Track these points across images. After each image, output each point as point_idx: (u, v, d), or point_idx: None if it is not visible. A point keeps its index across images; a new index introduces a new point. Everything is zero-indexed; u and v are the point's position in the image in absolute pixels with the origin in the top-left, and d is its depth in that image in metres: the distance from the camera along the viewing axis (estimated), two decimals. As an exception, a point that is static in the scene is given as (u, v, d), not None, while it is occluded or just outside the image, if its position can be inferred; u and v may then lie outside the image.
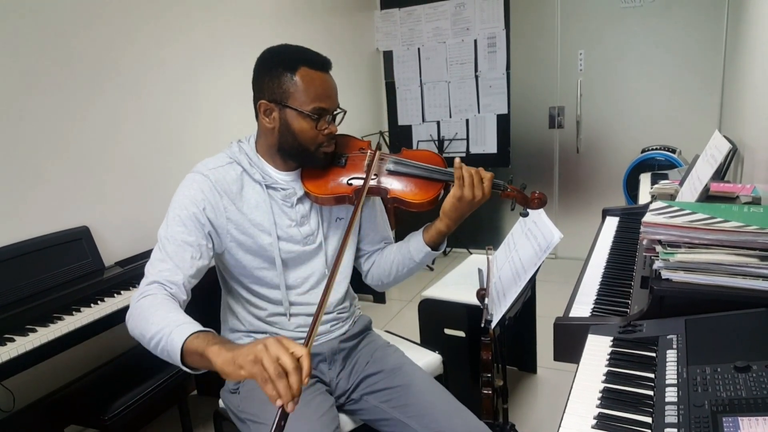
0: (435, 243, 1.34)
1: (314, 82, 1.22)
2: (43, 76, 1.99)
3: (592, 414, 0.88)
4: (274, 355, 0.86)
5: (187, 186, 1.24)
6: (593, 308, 1.33)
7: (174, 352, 0.99)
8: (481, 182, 1.25)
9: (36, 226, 1.94)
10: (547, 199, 1.32)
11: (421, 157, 1.35)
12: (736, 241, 1.11)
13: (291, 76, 1.21)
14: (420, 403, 1.28)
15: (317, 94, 1.22)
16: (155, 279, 1.14)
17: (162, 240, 1.19)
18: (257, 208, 1.28)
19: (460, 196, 1.24)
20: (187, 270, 1.17)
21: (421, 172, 1.32)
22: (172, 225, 1.20)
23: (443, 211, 1.29)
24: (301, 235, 1.32)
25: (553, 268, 3.48)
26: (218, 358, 0.92)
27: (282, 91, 1.21)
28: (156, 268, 1.16)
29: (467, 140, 4.29)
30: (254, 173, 1.28)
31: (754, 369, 0.85)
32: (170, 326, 1.01)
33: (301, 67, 1.21)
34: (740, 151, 2.70)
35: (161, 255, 1.18)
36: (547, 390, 2.45)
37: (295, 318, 1.35)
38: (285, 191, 1.30)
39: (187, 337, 0.98)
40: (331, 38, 3.81)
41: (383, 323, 3.24)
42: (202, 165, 1.28)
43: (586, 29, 3.79)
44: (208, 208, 1.22)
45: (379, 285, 1.49)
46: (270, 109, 1.24)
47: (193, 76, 2.65)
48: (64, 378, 2.01)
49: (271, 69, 1.23)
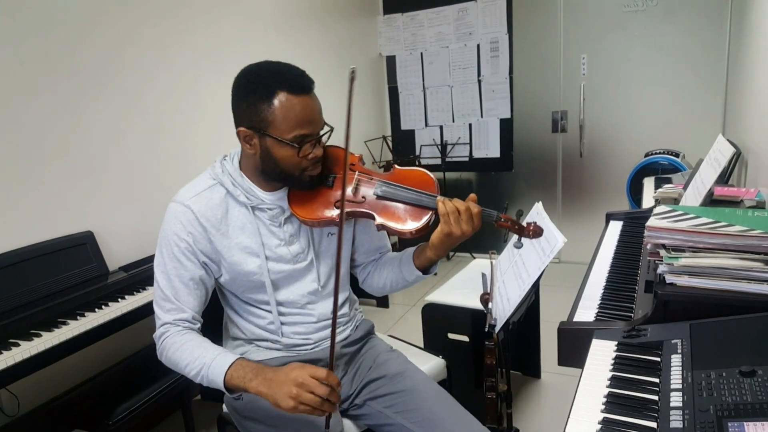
0: (425, 268, 1.32)
1: (294, 108, 1.13)
2: (47, 81, 2.01)
3: (597, 419, 0.88)
4: (308, 390, 1.05)
5: (170, 220, 1.22)
6: (597, 313, 1.33)
7: (218, 385, 1.14)
8: (471, 218, 1.17)
9: (40, 231, 1.95)
10: (542, 231, 1.24)
11: (411, 179, 1.26)
12: (741, 245, 1.11)
13: (268, 103, 1.12)
14: (424, 408, 1.28)
15: (298, 121, 1.14)
16: (166, 320, 1.21)
17: (160, 276, 1.22)
18: (243, 230, 1.25)
19: (448, 232, 1.18)
20: (191, 305, 1.23)
21: (411, 197, 1.23)
22: (167, 261, 1.22)
23: (432, 243, 1.25)
24: (291, 254, 1.29)
25: (556, 273, 3.46)
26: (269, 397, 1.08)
27: (260, 120, 1.14)
28: (162, 308, 1.22)
29: (470, 144, 4.30)
30: (238, 195, 1.24)
31: (759, 374, 0.85)
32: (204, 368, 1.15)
33: (279, 92, 1.12)
34: (744, 155, 2.69)
35: (163, 294, 1.22)
36: (552, 395, 2.44)
37: (290, 327, 1.34)
38: (272, 211, 1.26)
39: (223, 378, 1.12)
40: (334, 43, 3.83)
41: (386, 328, 3.23)
42: (184, 193, 1.24)
43: (588, 33, 3.79)
44: (194, 240, 1.21)
45: (375, 293, 1.48)
46: (249, 136, 1.17)
47: (197, 81, 2.66)
48: (69, 382, 2.01)
49: (248, 96, 1.15)
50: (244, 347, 1.36)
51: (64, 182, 2.06)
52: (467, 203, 1.18)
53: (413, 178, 1.27)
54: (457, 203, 1.18)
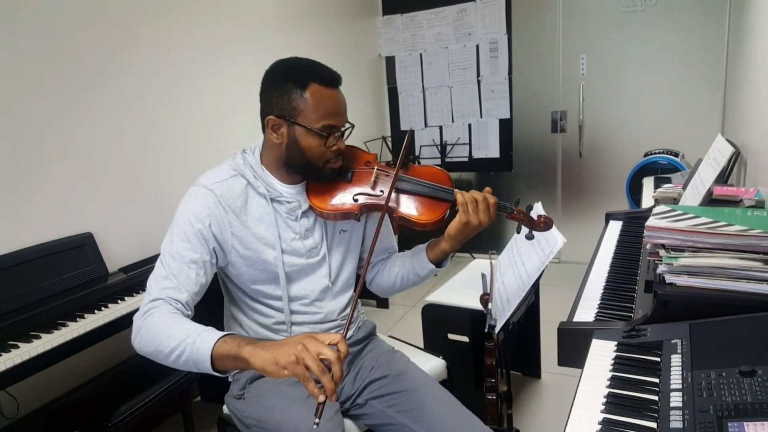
0: (439, 261, 1.35)
1: (324, 99, 1.19)
2: (47, 81, 2.01)
3: (597, 419, 0.88)
4: (315, 352, 0.93)
5: (191, 200, 1.22)
6: (597, 313, 1.33)
7: (202, 360, 1.01)
8: (488, 208, 1.23)
9: (40, 232, 1.95)
10: (552, 223, 1.29)
11: (428, 175, 1.33)
12: (740, 244, 1.11)
13: (301, 92, 1.18)
14: (426, 407, 1.28)
15: (327, 112, 1.20)
16: (158, 296, 1.13)
17: (165, 256, 1.18)
18: (261, 221, 1.27)
19: (466, 221, 1.23)
20: (191, 288, 1.17)
21: (429, 190, 1.29)
22: (177, 241, 1.18)
23: (448, 234, 1.28)
24: (305, 248, 1.31)
25: (556, 273, 3.46)
26: (256, 359, 0.96)
27: (291, 108, 1.19)
28: (159, 285, 1.15)
29: (470, 145, 4.30)
30: (259, 186, 1.26)
31: (759, 374, 0.85)
32: (191, 336, 1.03)
33: (312, 83, 1.18)
34: (743, 154, 2.69)
35: (164, 272, 1.16)
36: (552, 395, 2.44)
37: (298, 327, 1.34)
38: (290, 204, 1.29)
39: (214, 343, 1.01)
40: (334, 44, 3.83)
41: (387, 328, 3.23)
42: (205, 178, 1.25)
43: (587, 33, 3.79)
44: (213, 223, 1.21)
45: (382, 293, 1.50)
46: (278, 125, 1.22)
47: (197, 81, 2.66)
48: (68, 384, 2.01)
49: (281, 84, 1.20)
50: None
51: (63, 183, 2.06)
52: (484, 193, 1.24)
53: (429, 174, 1.33)
54: (475, 194, 1.23)
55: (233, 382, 1.37)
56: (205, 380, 2.52)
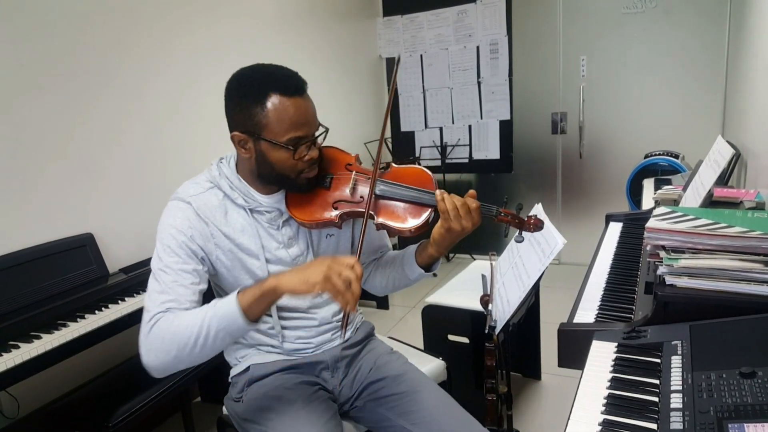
0: (427, 265, 1.31)
1: (287, 110, 1.12)
2: (47, 81, 2.01)
3: (597, 420, 0.88)
4: (337, 271, 1.02)
5: (171, 215, 1.19)
6: (597, 314, 1.33)
7: (233, 320, 1.05)
8: (469, 213, 1.16)
9: (40, 233, 1.95)
10: (543, 224, 1.22)
11: (409, 177, 1.26)
12: (740, 246, 1.11)
13: (262, 106, 1.11)
14: (425, 409, 1.27)
15: (292, 123, 1.13)
16: (158, 310, 1.11)
17: (157, 272, 1.15)
18: (243, 232, 1.24)
19: (448, 227, 1.17)
20: (189, 296, 1.14)
21: (409, 195, 1.22)
22: (165, 256, 1.15)
23: (433, 239, 1.24)
24: (290, 256, 1.28)
25: (556, 274, 3.47)
26: (285, 283, 1.04)
27: (254, 123, 1.13)
28: (156, 300, 1.12)
29: (470, 146, 4.30)
30: (236, 198, 1.23)
31: (759, 375, 0.85)
32: (209, 312, 1.07)
33: (272, 94, 1.11)
34: (744, 156, 2.69)
35: (160, 287, 1.13)
36: (552, 396, 2.44)
37: (292, 332, 1.33)
38: (270, 214, 1.25)
39: (235, 298, 1.05)
40: (334, 45, 3.83)
41: (386, 329, 3.23)
42: (182, 191, 1.22)
43: (588, 35, 3.80)
44: (196, 235, 1.18)
45: (377, 292, 1.48)
46: (244, 140, 1.16)
47: (197, 81, 2.66)
48: (69, 385, 2.01)
49: (240, 99, 1.14)
50: (244, 351, 1.35)
51: (64, 183, 2.06)
52: (465, 199, 1.18)
53: (411, 176, 1.26)
54: (456, 199, 1.17)
55: (232, 385, 1.37)
56: (205, 381, 2.52)
